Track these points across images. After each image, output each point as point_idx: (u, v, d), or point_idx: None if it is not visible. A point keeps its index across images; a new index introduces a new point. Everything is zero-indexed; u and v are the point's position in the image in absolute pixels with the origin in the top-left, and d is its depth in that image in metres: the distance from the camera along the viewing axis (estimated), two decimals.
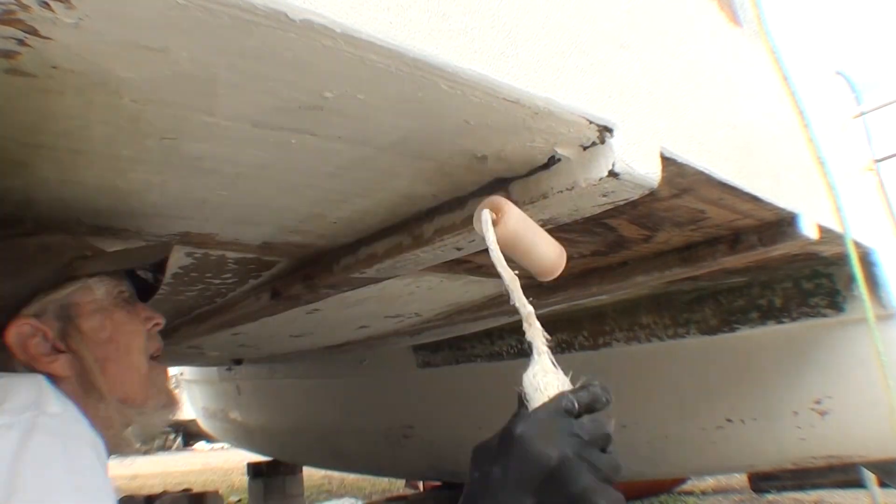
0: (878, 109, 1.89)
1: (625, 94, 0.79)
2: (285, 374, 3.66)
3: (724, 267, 1.43)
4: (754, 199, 1.06)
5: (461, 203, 0.94)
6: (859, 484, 3.93)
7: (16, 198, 0.82)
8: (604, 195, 0.83)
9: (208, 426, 5.19)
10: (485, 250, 0.71)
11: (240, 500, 5.85)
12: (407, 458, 3.47)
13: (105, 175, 0.77)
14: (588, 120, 0.72)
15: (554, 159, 0.78)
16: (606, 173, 0.75)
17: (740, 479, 5.04)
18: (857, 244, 1.41)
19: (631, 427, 2.34)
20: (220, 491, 4.26)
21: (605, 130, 0.74)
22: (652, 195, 0.86)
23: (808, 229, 1.18)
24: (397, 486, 6.05)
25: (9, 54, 0.49)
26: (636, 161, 0.77)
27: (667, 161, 0.83)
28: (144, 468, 9.23)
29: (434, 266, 1.26)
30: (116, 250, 0.95)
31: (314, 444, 3.98)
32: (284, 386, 3.75)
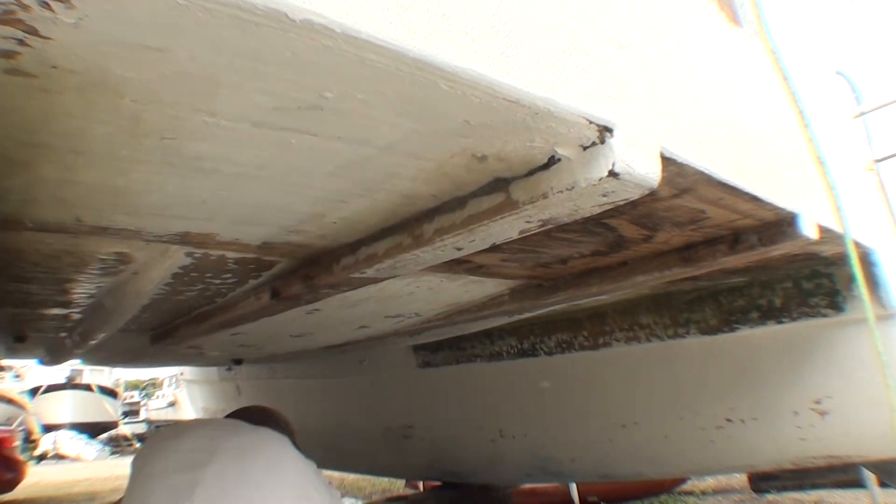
0: (878, 109, 1.89)
1: (625, 94, 0.79)
2: (285, 374, 3.66)
3: (724, 267, 1.43)
4: (754, 199, 1.06)
5: (461, 203, 0.94)
6: (859, 484, 3.94)
7: (16, 197, 0.82)
8: (604, 195, 0.83)
9: None
10: (485, 250, 0.71)
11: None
12: (407, 458, 3.47)
13: (105, 175, 0.77)
14: (588, 120, 0.72)
15: (554, 159, 0.78)
16: (606, 173, 0.75)
17: (740, 479, 5.04)
18: (857, 244, 1.41)
19: (631, 427, 2.34)
20: None
21: (604, 130, 0.74)
22: (652, 195, 0.86)
23: (808, 229, 1.18)
24: (397, 486, 6.05)
25: (9, 54, 0.49)
26: (636, 161, 0.77)
27: (667, 161, 0.83)
28: None
29: (434, 266, 1.26)
30: None
31: (314, 444, 3.97)
32: (284, 386, 3.75)
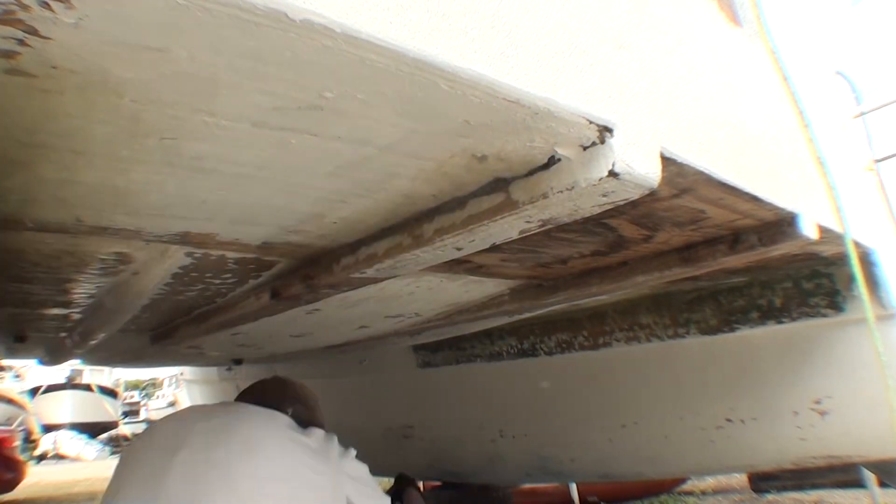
0: (878, 109, 1.89)
1: (625, 94, 0.79)
2: (285, 374, 3.66)
3: (724, 267, 1.43)
4: (754, 198, 1.06)
5: (461, 203, 0.94)
6: (859, 484, 3.94)
7: (16, 197, 0.82)
8: (604, 195, 0.83)
9: None
10: (485, 250, 0.71)
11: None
12: (407, 458, 3.47)
13: (105, 175, 0.77)
14: (588, 120, 0.72)
15: (554, 159, 0.78)
16: (606, 173, 0.75)
17: (740, 479, 5.05)
18: (857, 244, 1.41)
19: (631, 427, 2.34)
20: None
21: (604, 130, 0.74)
22: (652, 195, 0.86)
23: (808, 229, 1.18)
24: None
25: (9, 54, 0.49)
26: (636, 161, 0.77)
27: (667, 161, 0.83)
28: None
29: (434, 266, 1.26)
30: None
31: None
32: None
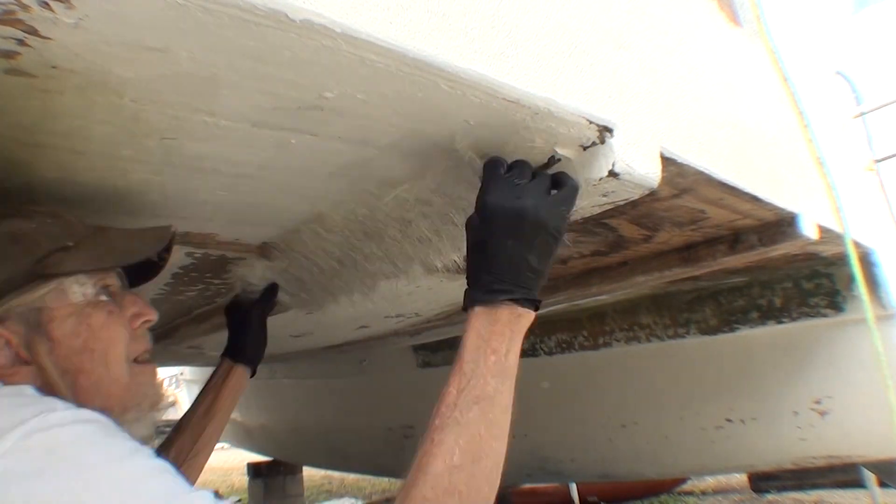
0: (878, 109, 1.89)
1: (625, 94, 0.79)
2: (285, 374, 3.66)
3: (724, 267, 1.43)
4: (754, 199, 1.06)
5: None
6: (859, 484, 3.94)
7: (16, 197, 0.82)
8: (604, 195, 0.83)
9: None
10: None
11: (240, 501, 5.83)
12: (407, 458, 3.46)
13: (105, 175, 0.77)
14: (588, 120, 0.72)
15: (554, 159, 0.78)
16: (606, 173, 0.75)
17: (740, 479, 5.04)
18: (857, 244, 1.41)
19: (631, 427, 2.34)
20: (219, 491, 4.25)
21: (604, 130, 0.74)
22: (652, 195, 0.86)
23: (808, 229, 1.18)
24: (397, 486, 6.04)
25: (9, 54, 0.49)
26: (636, 161, 0.77)
27: (667, 161, 0.83)
28: None
29: None
30: (105, 233, 0.77)
31: (314, 444, 3.97)
32: (284, 386, 3.75)
